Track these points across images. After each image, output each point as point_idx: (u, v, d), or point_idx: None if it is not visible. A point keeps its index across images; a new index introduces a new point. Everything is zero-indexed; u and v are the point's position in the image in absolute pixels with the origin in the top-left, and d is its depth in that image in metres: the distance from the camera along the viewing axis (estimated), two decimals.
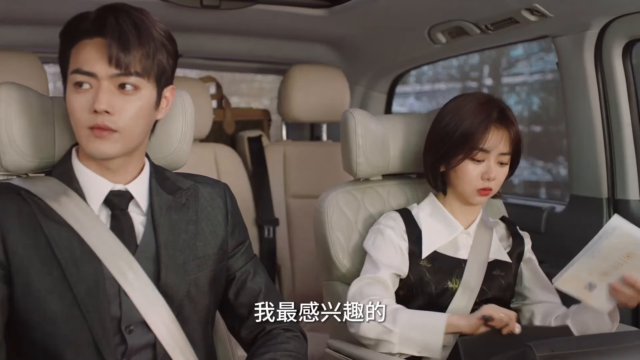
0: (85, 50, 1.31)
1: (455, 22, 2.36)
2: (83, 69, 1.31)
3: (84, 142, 1.33)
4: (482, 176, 1.74)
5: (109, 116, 1.30)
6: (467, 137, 1.73)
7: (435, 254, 1.78)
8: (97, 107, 1.29)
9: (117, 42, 1.29)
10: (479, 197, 1.77)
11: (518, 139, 1.77)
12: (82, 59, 1.31)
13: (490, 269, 1.79)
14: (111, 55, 1.29)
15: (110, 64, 1.30)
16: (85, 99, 1.31)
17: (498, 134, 1.74)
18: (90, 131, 1.31)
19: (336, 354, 1.79)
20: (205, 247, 1.45)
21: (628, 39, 2.07)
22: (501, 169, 1.77)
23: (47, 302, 1.30)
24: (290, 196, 2.92)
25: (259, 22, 2.67)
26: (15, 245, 1.31)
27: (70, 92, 1.33)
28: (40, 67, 2.51)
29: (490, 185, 1.75)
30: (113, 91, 1.31)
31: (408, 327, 1.63)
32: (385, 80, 3.19)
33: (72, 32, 1.34)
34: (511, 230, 1.91)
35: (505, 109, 1.77)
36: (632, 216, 2.13)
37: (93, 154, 1.33)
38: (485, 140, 1.73)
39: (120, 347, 1.33)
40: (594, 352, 1.37)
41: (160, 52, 1.35)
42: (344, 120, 1.97)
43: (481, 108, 1.75)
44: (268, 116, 3.41)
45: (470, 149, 1.73)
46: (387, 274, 1.75)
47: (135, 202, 1.40)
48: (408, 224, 1.81)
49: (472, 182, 1.75)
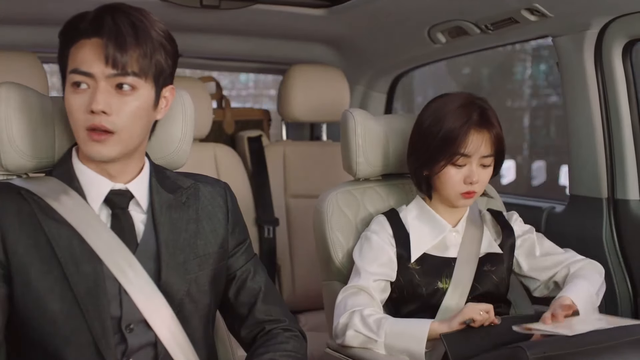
0: (83, 50, 1.31)
1: (455, 22, 2.36)
2: (80, 69, 1.31)
3: (82, 144, 1.34)
4: (465, 180, 1.74)
5: (106, 116, 1.30)
6: (448, 142, 1.72)
7: (423, 255, 1.79)
8: (94, 108, 1.29)
9: (113, 42, 1.29)
10: (464, 201, 1.77)
11: (500, 140, 1.76)
12: (79, 59, 1.31)
13: (480, 264, 1.79)
14: (108, 55, 1.29)
15: (107, 64, 1.29)
16: (82, 99, 1.31)
17: (479, 137, 1.72)
18: (88, 133, 1.31)
19: (336, 354, 1.79)
20: (206, 246, 1.45)
21: (628, 39, 2.07)
22: (484, 171, 1.76)
23: (47, 301, 1.30)
24: (290, 196, 2.92)
25: (259, 22, 2.67)
26: (15, 244, 1.31)
27: (69, 92, 1.33)
28: (40, 67, 2.51)
29: (473, 189, 1.75)
30: (110, 91, 1.31)
31: (392, 336, 1.63)
32: (385, 80, 3.19)
33: (70, 32, 1.34)
34: (500, 220, 1.90)
35: (486, 110, 1.75)
36: (631, 216, 2.14)
37: (92, 156, 1.34)
38: (465, 145, 1.71)
39: (120, 347, 1.33)
40: (586, 351, 1.37)
41: (159, 52, 1.34)
42: (343, 120, 1.97)
43: (461, 111, 1.73)
44: (268, 116, 3.41)
45: (452, 154, 1.72)
46: (372, 282, 1.75)
47: (136, 201, 1.40)
48: (395, 228, 1.81)
49: (455, 186, 1.75)
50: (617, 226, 2.17)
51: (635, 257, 2.14)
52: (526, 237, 1.88)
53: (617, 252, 2.17)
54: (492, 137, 1.74)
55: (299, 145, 3.06)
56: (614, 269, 2.16)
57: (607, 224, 2.18)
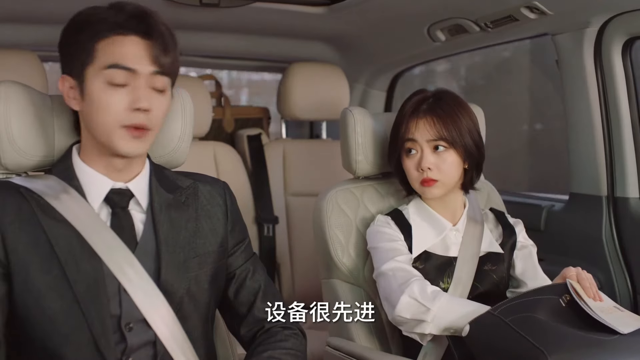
0: (122, 45, 1.31)
1: (454, 19, 2.36)
2: (124, 65, 1.30)
3: (116, 140, 1.32)
4: (417, 167, 1.76)
5: (146, 114, 1.32)
6: (398, 131, 1.78)
7: (426, 255, 1.78)
8: (142, 105, 1.30)
9: (159, 43, 1.33)
10: (426, 189, 1.77)
11: (452, 125, 1.73)
12: (118, 54, 1.31)
13: (481, 263, 1.78)
14: (153, 55, 1.32)
15: (153, 64, 1.32)
16: (121, 96, 1.31)
17: (424, 122, 1.75)
18: (126, 130, 1.31)
19: (335, 352, 1.79)
20: (205, 245, 1.45)
21: (627, 37, 2.07)
22: (439, 157, 1.75)
23: (47, 300, 1.30)
24: (289, 194, 2.92)
25: (259, 20, 2.67)
26: (15, 243, 1.31)
27: (104, 89, 1.31)
28: (39, 66, 2.50)
29: (430, 176, 1.75)
30: (149, 90, 1.33)
31: (445, 309, 1.61)
32: (385, 78, 3.20)
33: (97, 25, 1.32)
34: (501, 220, 1.90)
35: (438, 99, 1.76)
36: (631, 214, 2.14)
37: (128, 152, 1.34)
38: (408, 129, 1.76)
39: (119, 345, 1.33)
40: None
41: (178, 57, 1.39)
42: (343, 118, 1.97)
43: (412, 103, 1.78)
44: (267, 114, 3.41)
45: (400, 142, 1.78)
46: (403, 258, 1.74)
47: (136, 200, 1.41)
48: (400, 225, 1.81)
49: (412, 175, 1.78)
50: (617, 224, 2.17)
51: (634, 254, 2.14)
52: (527, 246, 1.87)
53: (616, 249, 2.17)
54: (440, 122, 1.74)
55: (299, 144, 3.06)
56: (613, 266, 2.16)
57: (606, 222, 2.18)
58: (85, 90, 1.33)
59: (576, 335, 1.44)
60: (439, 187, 1.76)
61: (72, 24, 1.35)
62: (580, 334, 1.44)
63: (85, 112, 1.35)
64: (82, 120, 1.38)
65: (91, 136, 1.36)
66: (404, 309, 1.65)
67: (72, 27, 1.35)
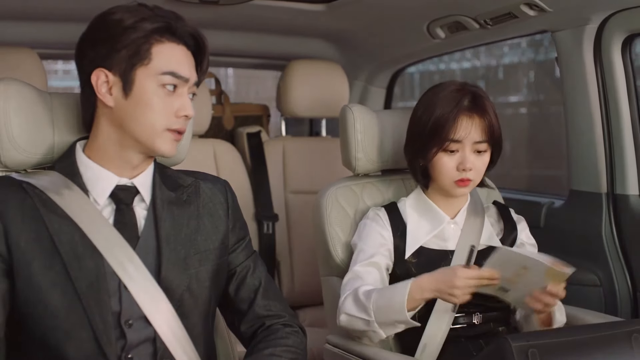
0: (178, 54, 1.38)
1: (454, 17, 2.36)
2: (179, 74, 1.36)
3: (158, 142, 1.36)
4: (458, 167, 1.72)
5: (185, 119, 1.38)
6: (438, 128, 1.71)
7: (420, 248, 1.78)
8: (188, 113, 1.37)
9: (202, 55, 1.42)
10: (459, 189, 1.75)
11: (492, 127, 1.72)
12: (175, 62, 1.37)
13: (479, 258, 1.74)
14: (196, 67, 1.41)
15: (197, 75, 1.41)
16: (169, 102, 1.36)
17: (469, 122, 1.70)
18: (170, 133, 1.37)
19: (335, 349, 1.79)
20: (207, 242, 1.45)
21: (627, 34, 2.07)
22: (479, 158, 1.74)
23: (49, 296, 1.30)
24: (289, 192, 2.92)
25: (258, 18, 2.66)
26: (17, 238, 1.31)
27: (157, 92, 1.35)
28: (39, 63, 2.50)
29: (467, 176, 1.73)
30: (189, 97, 1.41)
31: (379, 312, 1.63)
32: (385, 75, 3.19)
33: (161, 29, 1.36)
34: (504, 215, 1.89)
35: (478, 96, 1.73)
36: (631, 211, 2.14)
37: (168, 154, 1.39)
38: (455, 130, 1.70)
39: (119, 342, 1.33)
40: (572, 342, 1.36)
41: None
42: (342, 116, 1.97)
43: (451, 96, 1.72)
44: (267, 112, 3.41)
45: (442, 140, 1.71)
46: (375, 257, 1.75)
47: (140, 197, 1.41)
48: (393, 219, 1.81)
49: (449, 174, 1.74)
50: (617, 221, 2.17)
51: (634, 251, 2.14)
52: (524, 245, 1.86)
53: (616, 247, 2.17)
54: (484, 123, 1.71)
55: (298, 141, 3.06)
56: (613, 263, 2.16)
57: (606, 219, 2.18)
58: (133, 89, 1.34)
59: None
60: (470, 186, 1.77)
61: (115, 20, 1.34)
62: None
63: (124, 109, 1.35)
64: (114, 116, 1.37)
65: (120, 132, 1.36)
66: (347, 324, 1.69)
67: (117, 22, 1.34)
